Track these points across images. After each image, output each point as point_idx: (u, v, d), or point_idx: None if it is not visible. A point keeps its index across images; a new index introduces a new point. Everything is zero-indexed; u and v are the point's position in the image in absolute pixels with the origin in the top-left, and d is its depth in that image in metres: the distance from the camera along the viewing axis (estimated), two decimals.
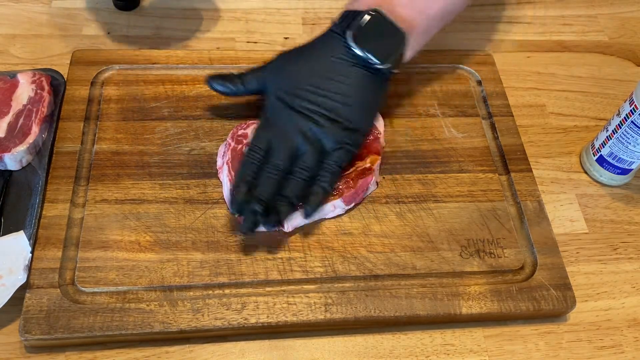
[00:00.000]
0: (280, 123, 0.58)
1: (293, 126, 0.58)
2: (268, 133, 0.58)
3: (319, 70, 0.59)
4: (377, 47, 0.58)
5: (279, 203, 0.56)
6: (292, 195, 0.56)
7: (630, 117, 0.61)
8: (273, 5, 0.81)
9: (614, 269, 0.62)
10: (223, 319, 0.53)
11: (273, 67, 0.62)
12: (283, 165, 0.56)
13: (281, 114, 0.59)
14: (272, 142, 0.57)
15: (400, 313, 0.55)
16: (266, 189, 0.56)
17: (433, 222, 0.60)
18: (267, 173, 0.56)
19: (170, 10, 0.78)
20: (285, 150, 0.57)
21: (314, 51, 0.61)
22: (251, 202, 0.55)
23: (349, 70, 0.58)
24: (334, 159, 0.58)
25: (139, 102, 0.66)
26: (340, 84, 0.58)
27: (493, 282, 0.57)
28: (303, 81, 0.59)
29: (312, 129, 0.57)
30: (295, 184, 0.56)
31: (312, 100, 0.58)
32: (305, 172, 0.57)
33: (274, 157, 0.57)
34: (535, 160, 0.68)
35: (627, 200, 0.67)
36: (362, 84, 0.59)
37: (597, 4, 0.87)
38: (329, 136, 0.58)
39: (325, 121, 0.58)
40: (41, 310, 0.52)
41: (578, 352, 0.56)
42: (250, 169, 0.56)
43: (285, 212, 0.56)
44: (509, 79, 0.75)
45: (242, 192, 0.55)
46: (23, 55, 0.72)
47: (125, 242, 0.56)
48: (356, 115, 0.59)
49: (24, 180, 0.59)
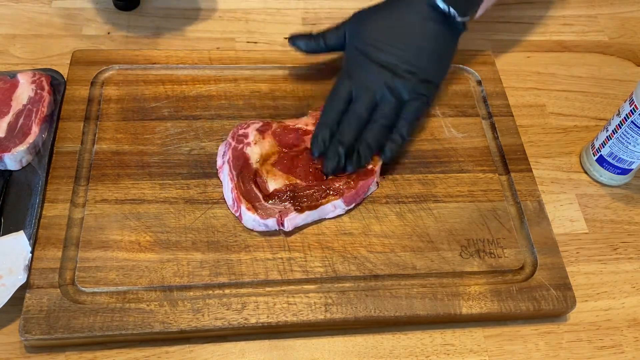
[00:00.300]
0: (361, 74, 0.61)
1: (373, 76, 0.61)
2: (349, 83, 0.61)
3: (398, 23, 0.62)
4: (458, 0, 0.61)
5: (360, 146, 0.59)
6: (372, 141, 0.60)
7: (630, 117, 0.61)
8: (273, 5, 0.81)
9: (614, 269, 0.62)
10: (223, 319, 0.53)
11: (353, 22, 0.65)
12: (364, 113, 0.60)
13: (361, 65, 0.62)
14: (353, 92, 0.61)
15: (400, 313, 0.55)
16: (348, 133, 0.59)
17: (433, 222, 0.60)
18: (349, 119, 0.60)
19: (170, 10, 0.78)
20: (366, 99, 0.60)
21: (392, 5, 0.64)
22: (334, 144, 0.59)
23: (428, 25, 0.62)
24: (412, 109, 0.61)
25: (139, 102, 0.66)
26: (419, 37, 0.62)
27: (493, 282, 0.57)
28: (382, 34, 0.62)
29: (391, 80, 0.61)
30: (375, 130, 0.60)
31: (391, 53, 0.61)
32: (385, 120, 0.60)
33: (356, 105, 0.60)
34: (535, 160, 0.68)
35: (627, 200, 0.67)
36: (438, 38, 0.63)
37: (597, 4, 0.87)
38: (407, 87, 0.61)
39: (403, 72, 0.61)
40: (41, 310, 0.52)
41: (578, 352, 0.56)
42: (332, 115, 0.60)
43: (366, 156, 0.60)
44: (509, 79, 0.75)
45: (325, 135, 0.59)
46: (23, 55, 0.72)
47: (125, 242, 0.56)
48: (432, 67, 0.63)
49: (24, 180, 0.59)
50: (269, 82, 0.69)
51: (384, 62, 0.61)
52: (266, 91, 0.69)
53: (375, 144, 0.60)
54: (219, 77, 0.69)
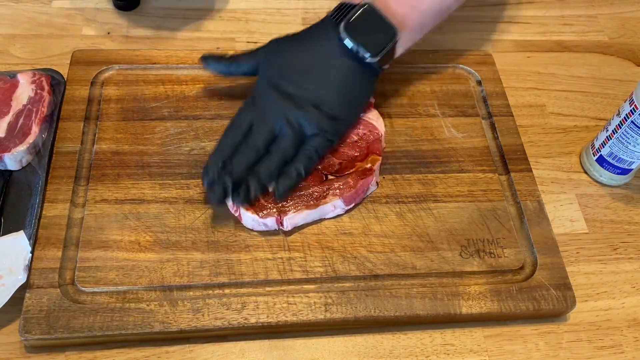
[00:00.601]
0: (264, 104, 0.59)
1: (276, 108, 0.58)
2: (251, 112, 0.59)
3: (310, 57, 0.60)
4: (368, 40, 0.58)
5: (250, 178, 0.56)
6: (264, 174, 0.57)
7: (630, 117, 0.61)
8: (273, 5, 0.81)
9: (614, 269, 0.62)
10: (223, 318, 0.53)
11: (266, 50, 0.63)
12: (261, 145, 0.57)
13: (267, 95, 0.59)
14: (253, 122, 0.58)
15: (400, 313, 0.55)
16: (239, 165, 0.57)
17: (433, 222, 0.60)
18: (244, 150, 0.57)
19: (170, 10, 0.78)
20: (265, 131, 0.58)
21: (307, 39, 0.62)
22: (223, 176, 0.56)
23: (338, 61, 0.59)
24: (312, 144, 0.58)
25: (139, 102, 0.66)
26: (329, 73, 0.59)
27: (493, 282, 0.57)
28: (293, 66, 0.60)
29: (295, 113, 0.58)
30: (269, 164, 0.57)
31: (298, 86, 0.59)
32: (280, 154, 0.58)
33: (253, 136, 0.58)
34: (535, 160, 0.68)
35: (627, 200, 0.67)
36: (351, 76, 0.60)
37: (597, 4, 0.87)
38: (310, 121, 0.58)
39: (308, 106, 0.58)
40: (41, 310, 0.52)
41: (578, 352, 0.56)
42: (228, 144, 0.58)
43: (254, 189, 0.56)
44: (509, 79, 0.75)
45: (216, 165, 0.56)
46: (23, 55, 0.72)
47: (125, 242, 0.56)
48: (340, 104, 0.60)
49: (24, 180, 0.59)
50: None
51: (290, 95, 0.58)
52: None
53: (268, 177, 0.57)
54: (219, 77, 0.69)
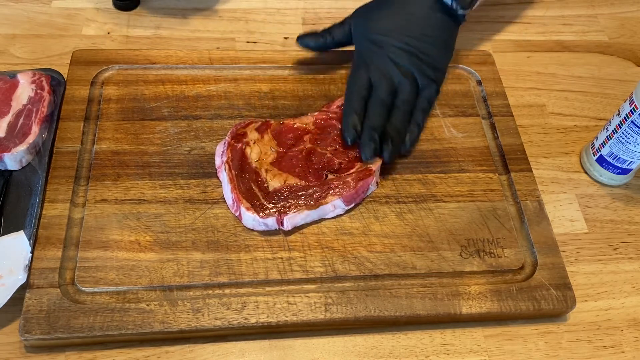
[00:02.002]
0: (376, 62, 0.63)
1: (389, 63, 0.63)
2: (366, 72, 0.63)
3: (403, 14, 0.65)
4: None
5: (392, 132, 0.61)
6: (401, 126, 0.62)
7: (630, 117, 0.61)
8: (273, 5, 0.81)
9: (614, 269, 0.62)
10: (223, 318, 0.53)
11: (357, 16, 0.67)
12: (387, 99, 0.62)
13: (374, 54, 0.64)
14: (371, 78, 0.63)
15: (400, 313, 0.55)
16: (378, 119, 0.61)
17: (433, 222, 0.60)
18: (375, 105, 0.62)
19: (170, 10, 0.78)
20: (386, 86, 0.62)
21: (398, 1, 0.66)
22: (367, 133, 0.60)
23: (430, 15, 0.65)
24: (425, 96, 0.64)
25: (139, 102, 0.66)
26: (423, 26, 0.64)
27: (493, 282, 0.57)
28: (389, 24, 0.65)
29: (406, 65, 0.63)
30: (401, 116, 0.62)
31: (400, 40, 0.63)
32: (407, 106, 0.62)
33: (378, 92, 0.62)
34: (535, 160, 0.68)
35: (627, 200, 0.67)
36: (443, 27, 0.66)
37: (597, 4, 0.87)
38: (421, 72, 0.63)
39: (415, 59, 0.63)
40: (41, 310, 0.52)
41: (578, 352, 0.56)
42: (357, 101, 0.62)
43: (397, 143, 0.61)
44: (509, 79, 0.75)
45: (355, 121, 0.60)
46: (23, 55, 0.72)
47: (125, 242, 0.56)
48: (440, 54, 0.65)
49: (24, 180, 0.59)
50: (269, 82, 0.69)
51: (397, 49, 0.63)
52: (266, 91, 0.69)
53: (404, 129, 0.62)
54: (219, 77, 0.69)
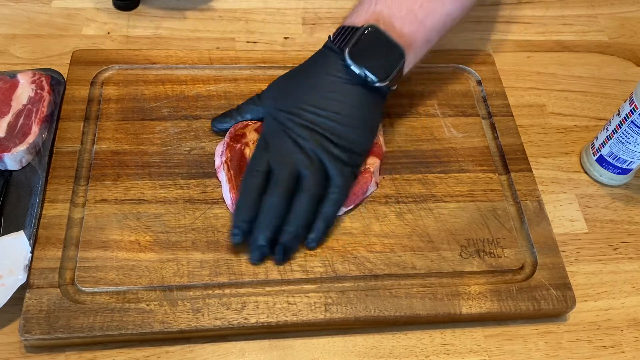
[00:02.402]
0: (279, 144, 0.56)
1: (293, 146, 0.56)
2: (267, 155, 0.56)
3: (317, 89, 0.58)
4: (375, 64, 0.56)
5: (286, 236, 0.54)
6: (298, 228, 0.55)
7: (630, 117, 0.61)
8: (273, 5, 0.81)
9: (614, 269, 0.62)
10: (223, 318, 0.53)
11: (270, 90, 0.61)
12: (285, 188, 0.55)
13: (280, 135, 0.57)
14: (271, 165, 0.56)
15: (400, 313, 0.55)
16: (270, 220, 0.54)
17: (433, 222, 0.60)
18: (270, 199, 0.55)
19: (170, 10, 0.78)
20: (286, 172, 0.55)
21: (310, 70, 0.59)
22: (255, 235, 0.54)
23: (347, 89, 0.57)
24: (338, 183, 0.56)
25: (139, 102, 0.66)
26: (339, 102, 0.57)
27: (493, 282, 0.57)
28: (301, 101, 0.58)
29: (313, 149, 0.56)
30: (299, 216, 0.55)
31: (310, 120, 0.56)
32: (311, 199, 0.55)
33: (275, 179, 0.55)
34: (535, 160, 0.68)
35: (627, 200, 0.67)
36: (361, 103, 0.57)
37: (597, 4, 0.87)
38: (330, 155, 0.56)
39: (325, 141, 0.56)
40: (41, 310, 0.52)
41: (578, 352, 0.56)
42: (251, 195, 0.55)
43: (294, 248, 0.56)
44: (509, 79, 0.75)
45: (243, 222, 0.54)
46: (23, 55, 0.72)
47: (125, 242, 0.56)
48: (356, 134, 0.58)
49: (24, 180, 0.59)
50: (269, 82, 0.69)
51: (304, 130, 0.56)
52: None
53: (304, 229, 0.55)
54: (219, 77, 0.69)
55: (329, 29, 0.79)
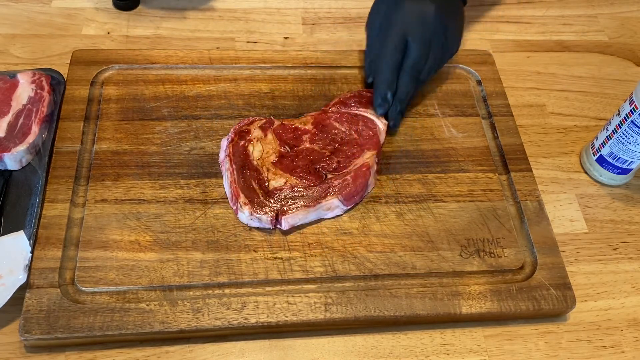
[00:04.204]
0: (407, 17, 0.65)
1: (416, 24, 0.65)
2: (401, 25, 0.65)
3: None
4: None
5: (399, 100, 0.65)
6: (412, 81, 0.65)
7: (630, 117, 0.61)
8: (273, 5, 0.81)
9: (614, 268, 0.62)
10: (223, 318, 0.53)
11: None
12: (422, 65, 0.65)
13: (395, 10, 0.66)
14: (409, 36, 0.65)
15: (400, 313, 0.55)
16: (405, 92, 0.65)
17: (433, 221, 0.60)
18: (408, 75, 0.65)
19: (170, 10, 0.78)
20: (424, 45, 0.65)
21: None
22: (395, 104, 0.65)
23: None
24: (428, 68, 0.66)
25: (139, 102, 0.66)
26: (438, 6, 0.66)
27: (493, 281, 0.57)
28: None
29: (421, 28, 0.65)
30: (407, 83, 0.65)
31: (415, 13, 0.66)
32: (416, 72, 0.65)
33: (413, 55, 0.65)
34: (535, 160, 0.68)
35: (627, 200, 0.67)
36: (456, 8, 0.68)
37: (597, 4, 0.87)
38: (434, 37, 0.65)
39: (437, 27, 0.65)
40: (41, 310, 0.52)
41: (578, 352, 0.56)
42: (392, 71, 0.64)
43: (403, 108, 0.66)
44: (509, 79, 0.75)
45: (387, 95, 0.64)
46: (23, 55, 0.72)
47: (125, 241, 0.56)
48: (452, 31, 0.68)
49: (24, 180, 0.59)
50: (269, 82, 0.69)
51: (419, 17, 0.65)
52: (266, 91, 0.69)
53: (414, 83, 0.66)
54: (219, 77, 0.69)
55: (329, 29, 0.79)
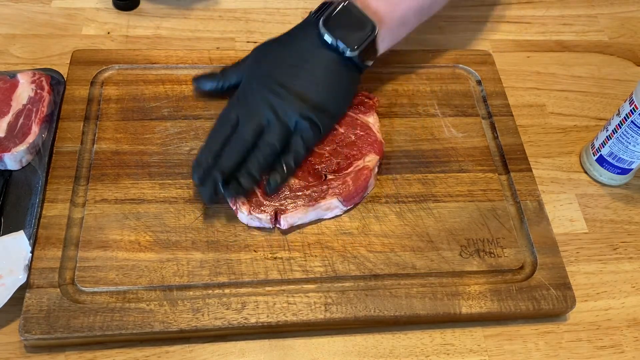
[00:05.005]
0: (250, 99, 0.60)
1: (261, 101, 0.59)
2: (236, 108, 0.60)
3: (293, 55, 0.62)
4: (346, 34, 0.60)
5: (240, 173, 0.57)
6: (255, 169, 0.57)
7: (630, 117, 0.61)
8: (273, 5, 0.81)
9: (614, 268, 0.62)
10: (223, 318, 0.53)
11: (252, 57, 0.65)
12: (249, 138, 0.58)
13: (252, 92, 0.61)
14: (239, 117, 0.59)
15: (400, 313, 0.55)
16: (229, 160, 0.57)
17: (433, 221, 0.60)
18: (232, 145, 0.58)
19: (170, 10, 0.78)
20: (252, 124, 0.58)
21: (289, 39, 0.63)
22: (213, 171, 0.56)
23: (321, 56, 0.60)
24: (300, 135, 0.59)
25: (139, 102, 0.66)
26: (312, 67, 0.61)
27: (493, 281, 0.57)
28: (277, 65, 0.62)
29: (280, 103, 0.59)
30: (258, 157, 0.58)
31: (283, 82, 0.60)
32: (269, 146, 0.58)
33: (240, 129, 0.58)
34: (535, 160, 0.68)
35: (627, 200, 0.67)
36: (333, 69, 0.61)
37: (597, 4, 0.87)
38: (295, 111, 0.59)
39: (293, 97, 0.59)
40: (41, 310, 0.52)
41: (578, 352, 0.56)
42: (216, 140, 0.58)
43: (245, 185, 0.57)
44: (509, 79, 0.75)
45: (205, 161, 0.57)
46: (23, 55, 0.72)
47: (125, 241, 0.56)
48: (325, 96, 0.60)
49: (24, 180, 0.59)
50: None
51: (275, 88, 0.59)
52: None
53: (258, 171, 0.57)
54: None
55: None
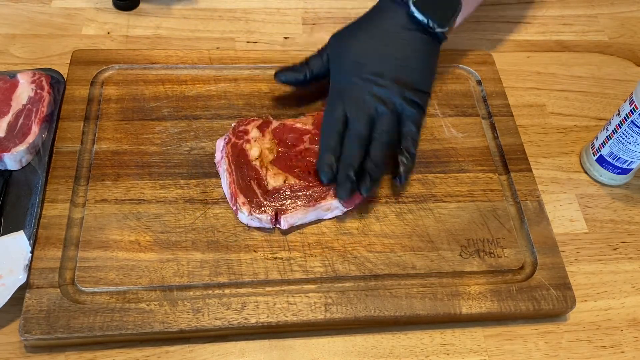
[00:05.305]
0: (351, 92, 0.60)
1: (365, 92, 0.60)
2: (341, 104, 0.60)
3: (380, 38, 0.62)
4: (436, 12, 0.61)
5: (368, 167, 0.57)
6: (380, 159, 0.58)
7: (630, 117, 0.61)
8: (273, 5, 0.81)
9: (614, 268, 0.62)
10: (223, 318, 0.53)
11: (333, 44, 0.64)
12: (365, 133, 0.58)
13: (350, 83, 0.60)
14: (347, 112, 0.59)
15: (400, 313, 0.55)
16: (354, 155, 0.57)
17: (433, 222, 0.60)
18: (351, 141, 0.58)
19: (170, 10, 0.78)
20: (363, 117, 0.59)
21: (372, 22, 0.63)
22: (343, 168, 0.57)
23: (411, 35, 0.62)
24: (411, 121, 0.60)
25: (139, 102, 0.66)
26: (400, 47, 0.61)
27: (493, 282, 0.58)
28: (364, 49, 0.62)
29: (384, 92, 0.59)
30: (380, 148, 0.58)
31: (376, 65, 0.60)
32: (386, 136, 0.59)
33: (354, 124, 0.59)
34: (535, 160, 0.68)
35: (627, 200, 0.67)
36: (424, 48, 0.62)
37: (597, 4, 0.87)
38: (401, 97, 0.59)
39: (393, 84, 0.60)
40: (41, 310, 0.52)
41: (578, 352, 0.56)
42: (333, 138, 0.58)
43: (377, 176, 0.58)
44: (509, 79, 0.75)
45: (330, 159, 0.57)
46: (23, 55, 0.72)
47: (125, 242, 0.56)
48: (420, 77, 0.62)
49: (24, 180, 0.59)
50: (269, 82, 0.69)
51: (371, 76, 0.60)
52: (266, 91, 0.69)
53: (382, 162, 0.58)
54: (219, 77, 0.69)
55: (328, 29, 0.78)
